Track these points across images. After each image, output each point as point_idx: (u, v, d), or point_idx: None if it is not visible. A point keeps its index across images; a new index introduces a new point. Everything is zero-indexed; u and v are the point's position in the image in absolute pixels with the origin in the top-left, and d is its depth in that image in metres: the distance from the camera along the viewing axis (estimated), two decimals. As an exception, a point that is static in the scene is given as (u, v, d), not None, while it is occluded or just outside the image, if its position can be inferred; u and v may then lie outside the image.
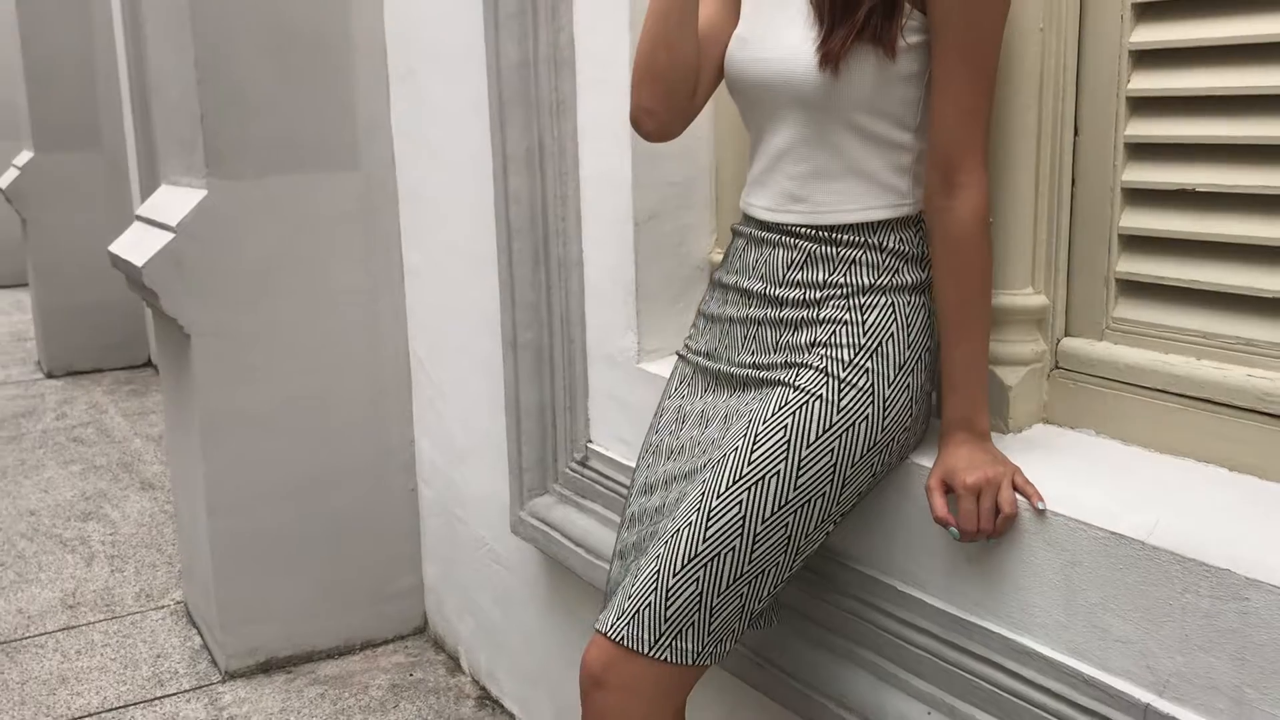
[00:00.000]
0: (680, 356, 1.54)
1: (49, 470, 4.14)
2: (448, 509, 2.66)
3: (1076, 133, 1.35)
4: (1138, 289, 1.32)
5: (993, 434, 1.37)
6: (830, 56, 1.25)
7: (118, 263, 2.70)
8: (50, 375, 5.51)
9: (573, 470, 2.07)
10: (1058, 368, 1.40)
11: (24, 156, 5.52)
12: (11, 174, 5.58)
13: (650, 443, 1.52)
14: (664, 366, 1.85)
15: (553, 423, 2.11)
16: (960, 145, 1.25)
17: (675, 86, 1.41)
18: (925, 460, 1.36)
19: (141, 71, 5.18)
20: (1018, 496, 1.24)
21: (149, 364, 5.69)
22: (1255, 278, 1.20)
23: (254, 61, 2.46)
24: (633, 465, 1.88)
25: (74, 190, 5.43)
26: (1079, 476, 1.26)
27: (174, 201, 2.58)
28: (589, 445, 2.04)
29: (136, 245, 2.61)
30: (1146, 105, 1.29)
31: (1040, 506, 1.22)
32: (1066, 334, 1.40)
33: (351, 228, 2.64)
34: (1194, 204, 1.25)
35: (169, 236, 2.47)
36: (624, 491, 1.93)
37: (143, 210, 2.76)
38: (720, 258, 1.86)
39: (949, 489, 1.27)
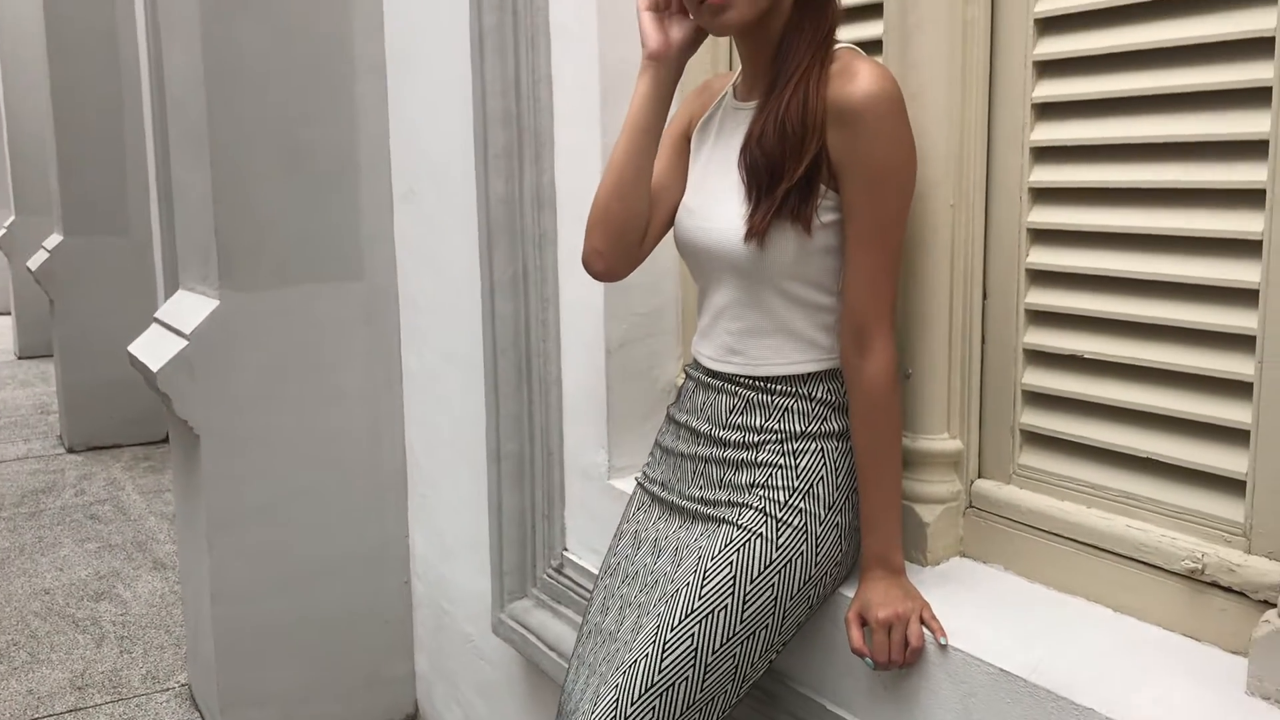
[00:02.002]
0: (639, 483, 1.69)
1: (65, 548, 4.30)
2: (437, 602, 2.80)
3: (985, 297, 1.50)
4: (1039, 440, 1.47)
5: (913, 566, 1.51)
6: (753, 232, 1.41)
7: (135, 364, 2.88)
8: (71, 450, 5.69)
9: (550, 576, 2.21)
10: (971, 507, 1.54)
11: (54, 239, 5.76)
12: (41, 256, 5.81)
13: (609, 563, 1.66)
14: (630, 484, 1.99)
15: (532, 529, 2.26)
16: (869, 312, 1.40)
17: (625, 234, 1.58)
18: (853, 591, 1.50)
19: (168, 160, 5.43)
20: (925, 631, 1.38)
21: (166, 440, 5.87)
22: (1134, 439, 1.34)
23: (267, 180, 2.65)
24: (602, 575, 2.03)
25: (100, 273, 5.66)
26: (983, 612, 1.40)
27: (189, 308, 2.76)
28: (564, 553, 2.18)
29: (152, 349, 2.78)
30: (1044, 277, 1.44)
31: (943, 642, 1.35)
32: (979, 476, 1.54)
33: (355, 333, 2.81)
34: (1085, 368, 1.40)
35: (182, 344, 2.64)
36: (594, 598, 2.07)
37: (161, 314, 2.94)
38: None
39: (865, 622, 1.41)
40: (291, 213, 2.69)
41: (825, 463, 1.47)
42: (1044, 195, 1.43)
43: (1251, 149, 1.19)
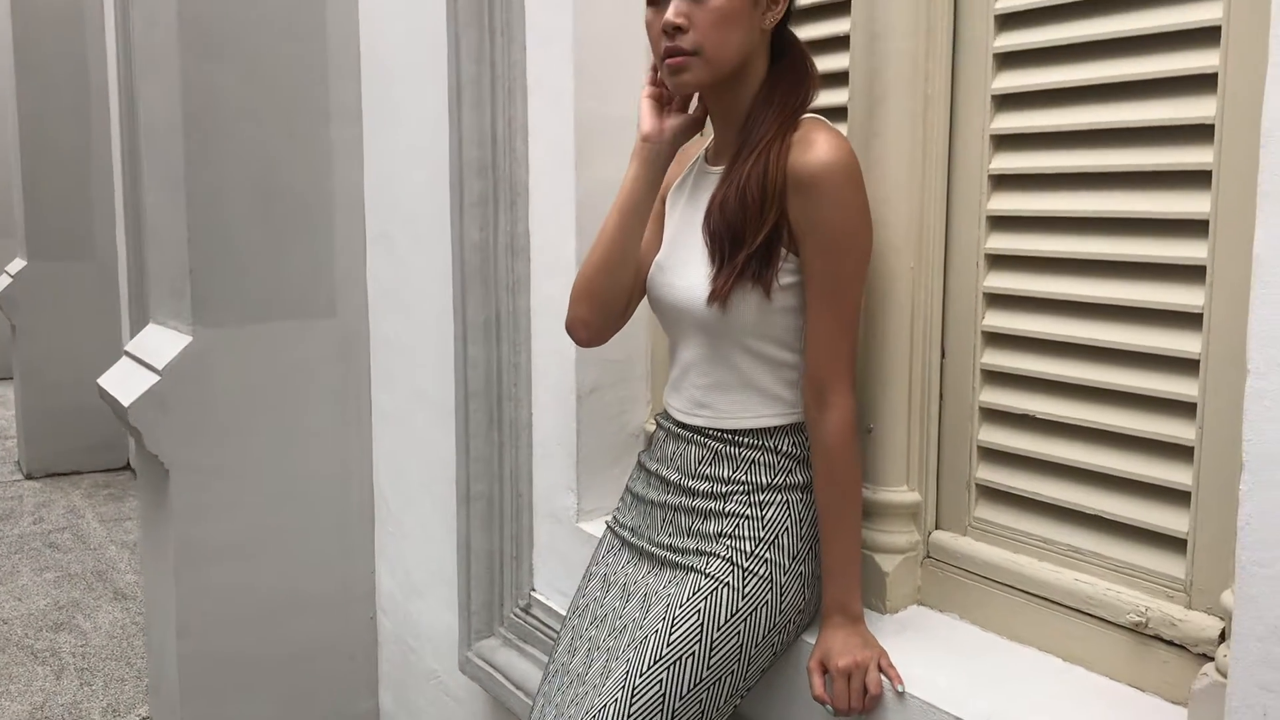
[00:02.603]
0: (609, 527, 1.74)
1: (23, 577, 4.27)
2: (403, 639, 2.83)
3: (943, 356, 1.57)
4: (994, 494, 1.54)
5: (872, 613, 1.57)
6: (716, 294, 1.47)
7: (105, 396, 2.89)
8: (29, 476, 5.65)
9: (517, 616, 2.25)
10: (929, 557, 1.60)
11: (17, 264, 5.74)
12: (4, 280, 5.78)
13: (577, 604, 1.71)
14: (600, 527, 2.04)
15: (500, 569, 2.30)
16: (828, 369, 1.46)
17: (610, 305, 1.64)
18: (814, 638, 1.55)
19: (136, 187, 5.44)
20: (883, 678, 1.43)
21: (127, 467, 5.84)
22: (1084, 496, 1.41)
23: (242, 220, 2.69)
24: (569, 616, 2.07)
25: (64, 299, 5.64)
26: (939, 660, 1.46)
27: (161, 343, 2.78)
28: (532, 594, 2.22)
29: (123, 383, 2.80)
30: (999, 339, 1.51)
31: (900, 689, 1.41)
32: (937, 527, 1.60)
33: (326, 371, 2.84)
34: (1037, 427, 1.47)
35: (154, 379, 2.66)
36: (561, 638, 2.11)
37: (131, 347, 2.96)
38: (653, 427, 2.08)
39: (826, 669, 1.47)
40: (266, 252, 2.72)
41: (790, 514, 1.53)
42: (999, 262, 1.50)
43: (1194, 228, 1.27)
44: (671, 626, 1.48)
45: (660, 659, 1.46)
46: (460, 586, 2.38)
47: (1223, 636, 1.24)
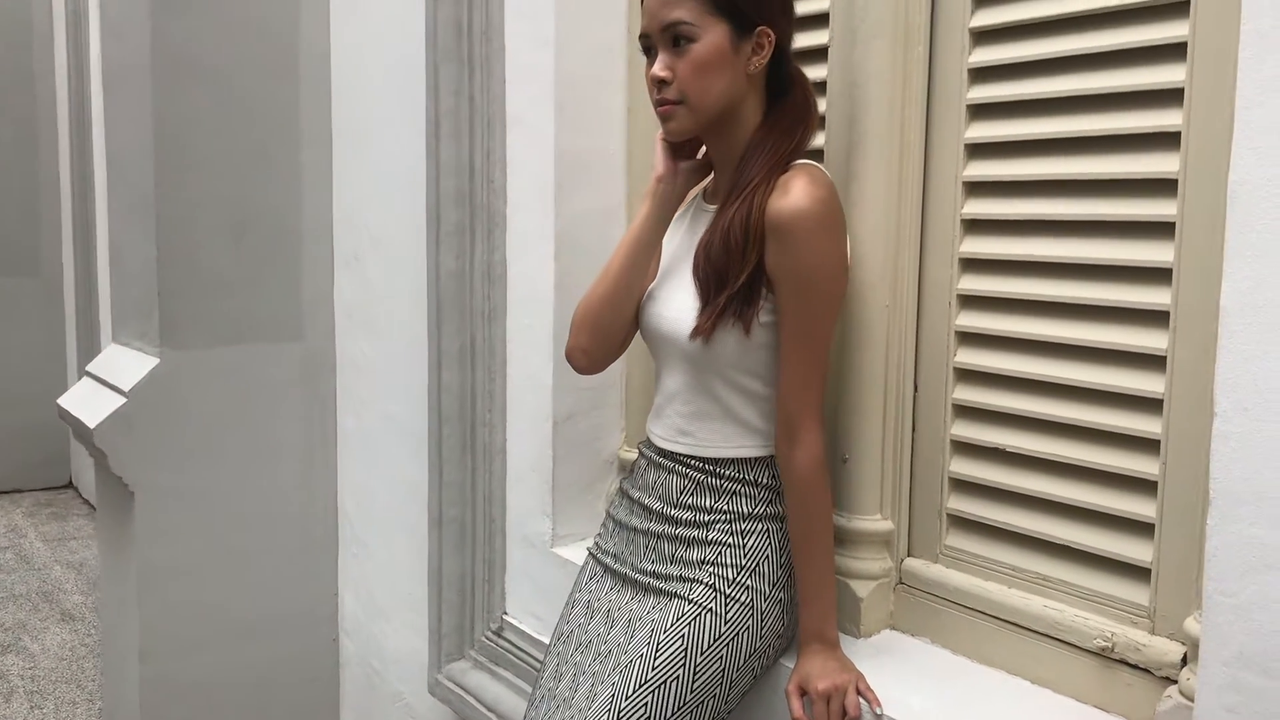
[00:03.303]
0: (591, 554, 1.78)
1: (-32, 598, 4.20)
2: (366, 661, 2.84)
3: (916, 391, 1.64)
4: (964, 523, 1.61)
5: (846, 637, 1.63)
6: (699, 331, 1.53)
7: (66, 417, 2.88)
8: (-31, 495, 5.56)
9: (488, 639, 2.28)
10: (901, 583, 1.67)
11: (-40, 279, 5.65)
12: (-54, 295, 5.70)
13: (562, 631, 1.75)
14: (574, 552, 2.09)
15: (471, 593, 2.33)
16: (798, 406, 1.51)
17: (611, 336, 1.70)
18: (792, 661, 1.61)
19: (86, 204, 5.39)
20: (861, 700, 1.49)
21: (70, 485, 5.76)
22: (1052, 527, 1.49)
23: (212, 243, 2.70)
24: (543, 639, 2.11)
25: (8, 315, 5.56)
26: (912, 683, 1.52)
27: (126, 365, 2.78)
28: (504, 617, 2.26)
29: (87, 404, 2.79)
30: (970, 375, 1.58)
31: (878, 711, 1.47)
32: (909, 555, 1.67)
33: (292, 393, 2.86)
34: (1007, 460, 1.54)
35: (120, 400, 2.66)
36: (534, 662, 2.15)
37: (94, 368, 2.95)
38: (628, 453, 2.14)
39: (805, 693, 1.52)
40: (235, 275, 2.74)
41: (770, 542, 1.58)
42: (970, 302, 1.58)
43: (1158, 275, 1.35)
44: (657, 651, 1.52)
45: (646, 682, 1.51)
46: (430, 609, 2.40)
47: (1185, 661, 1.31)
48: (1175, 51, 1.31)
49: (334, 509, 2.94)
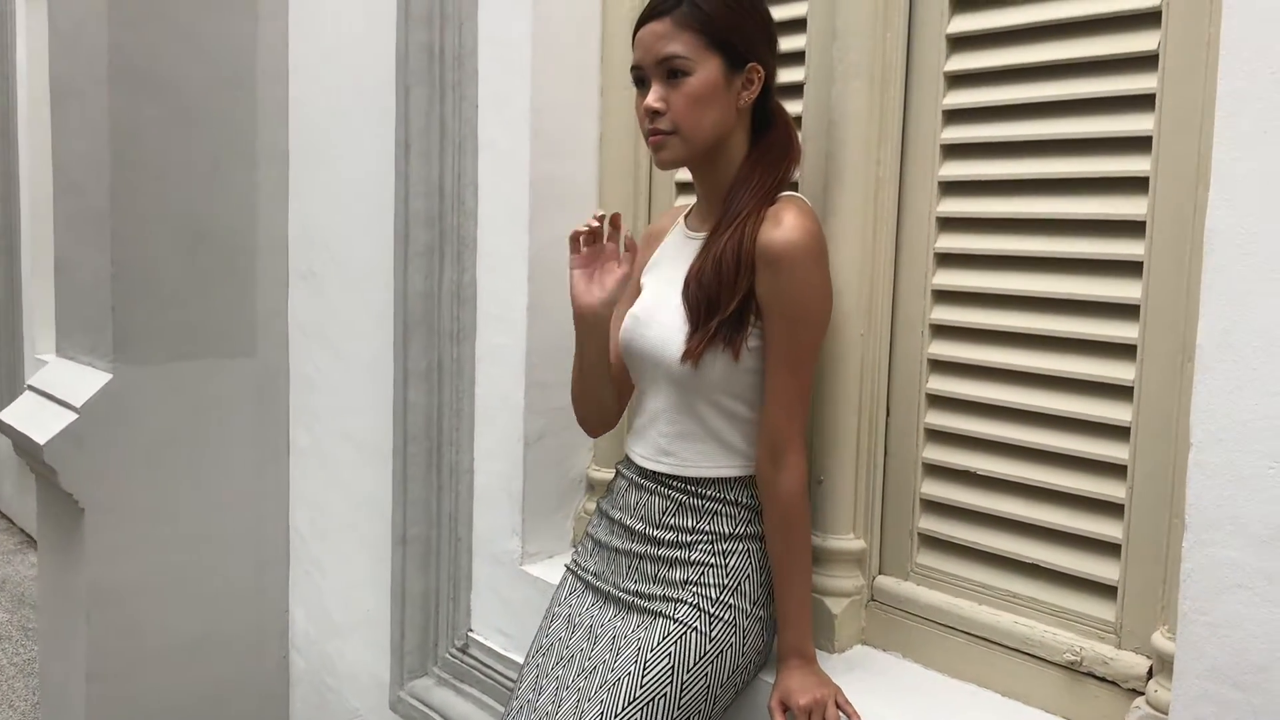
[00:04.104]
0: (570, 570, 1.82)
1: (-113, 617, 4.07)
2: (319, 678, 2.83)
3: (889, 416, 1.71)
4: (935, 543, 1.68)
5: (821, 653, 1.69)
6: (689, 354, 1.58)
7: (9, 432, 2.83)
8: (-120, 510, 5.37)
9: (453, 656, 2.30)
10: (873, 600, 1.74)
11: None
12: None
13: (541, 643, 1.77)
14: (543, 569, 2.13)
15: (435, 610, 2.35)
16: (783, 430, 1.58)
17: (604, 410, 1.84)
18: (772, 676, 1.66)
19: (7, 212, 5.27)
20: (841, 714, 1.56)
21: (-14, 500, 5.60)
22: (1022, 547, 1.57)
23: (166, 258, 2.68)
24: (511, 656, 2.14)
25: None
26: (886, 696, 1.59)
27: (75, 380, 2.74)
28: (470, 634, 2.28)
29: (34, 419, 2.75)
30: (942, 401, 1.66)
31: (858, 723, 1.54)
32: (880, 573, 1.74)
33: (245, 409, 2.84)
34: (977, 482, 1.62)
35: (71, 416, 2.62)
36: (501, 679, 2.18)
37: (37, 382, 2.90)
38: (596, 472, 2.18)
39: (786, 708, 1.58)
40: (188, 290, 2.72)
41: (751, 562, 1.64)
42: (942, 331, 1.65)
43: (1126, 311, 1.44)
44: (644, 668, 1.57)
45: (635, 700, 1.55)
46: (393, 626, 2.41)
47: (1150, 673, 1.40)
48: (1144, 102, 1.40)
49: (285, 526, 2.93)
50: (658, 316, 1.67)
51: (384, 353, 2.46)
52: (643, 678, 1.56)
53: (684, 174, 2.00)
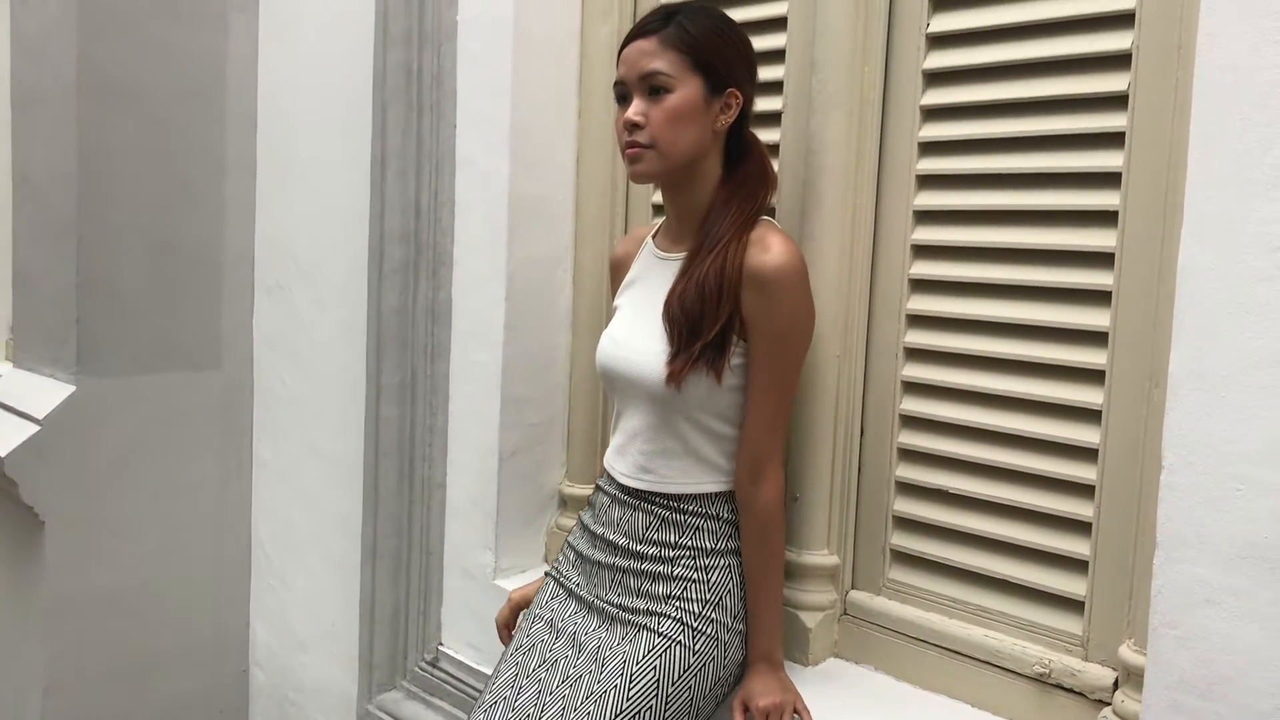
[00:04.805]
0: (552, 576, 1.84)
1: None
2: (280, 692, 2.83)
3: (863, 435, 1.77)
4: (907, 559, 1.74)
5: (795, 665, 1.74)
6: (673, 378, 1.62)
7: (-34, 444, 2.79)
8: None
9: (422, 669, 2.32)
10: (846, 614, 1.79)
11: None
12: None
13: (521, 642, 1.78)
14: (516, 583, 2.14)
15: (405, 624, 2.36)
16: (765, 448, 1.63)
17: None
18: (745, 687, 1.71)
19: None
20: (798, 718, 1.62)
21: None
22: (992, 563, 1.63)
23: (132, 269, 2.67)
24: (481, 669, 2.17)
25: None
26: (859, 708, 1.65)
27: (36, 391, 2.72)
28: (440, 648, 2.30)
29: (-8, 431, 2.72)
30: (914, 422, 1.72)
31: (811, 729, 1.60)
32: (853, 587, 1.80)
33: (209, 422, 2.84)
34: (948, 500, 1.68)
35: (33, 429, 2.60)
36: (472, 691, 2.20)
37: (-5, 392, 2.87)
38: (569, 488, 2.21)
39: (747, 709, 1.64)
40: (154, 302, 2.71)
41: (731, 578, 1.69)
42: (915, 354, 1.72)
43: (1094, 338, 1.51)
44: (630, 681, 1.61)
45: (621, 712, 1.58)
46: (361, 640, 2.42)
47: (1116, 685, 1.47)
48: (1114, 139, 1.48)
49: (248, 540, 2.92)
50: (637, 338, 1.71)
51: (353, 367, 2.48)
52: (629, 691, 1.60)
53: (660, 196, 2.05)
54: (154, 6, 2.66)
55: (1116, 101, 1.47)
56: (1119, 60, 1.47)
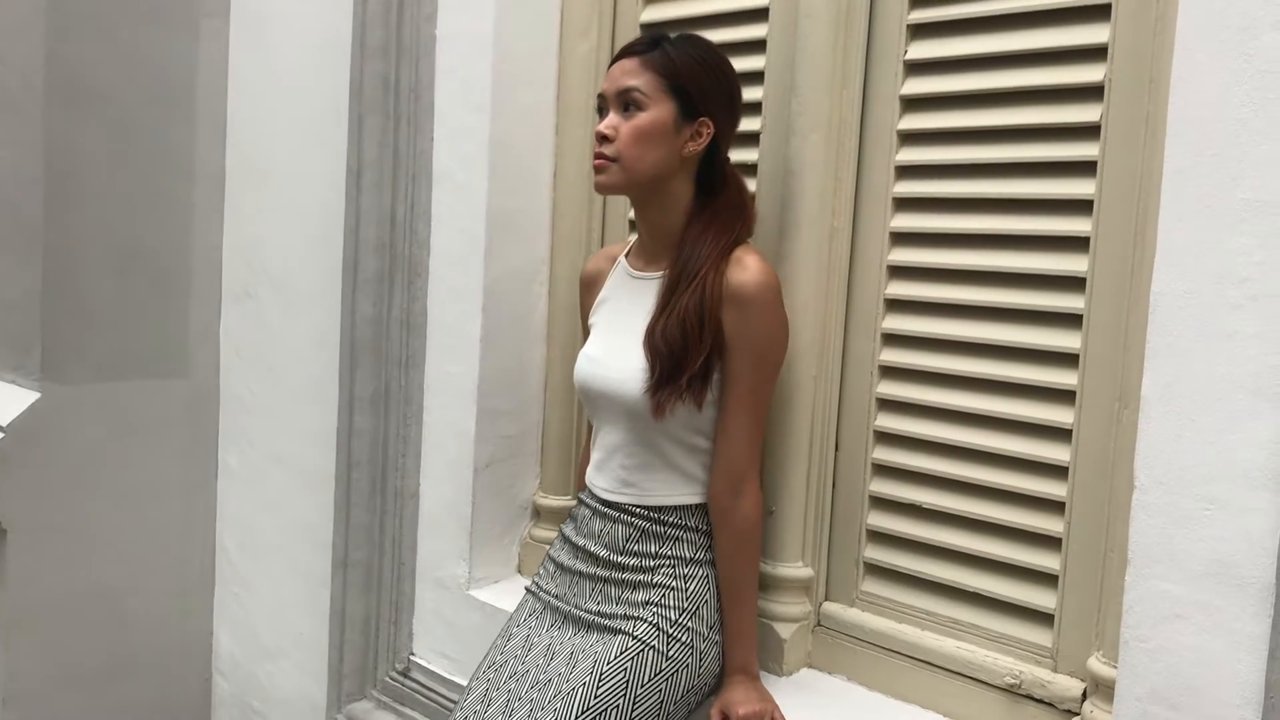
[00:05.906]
0: (531, 592, 1.86)
1: None
2: (244, 701, 2.81)
3: (838, 451, 1.81)
4: (880, 572, 1.78)
5: (769, 675, 1.78)
6: (659, 411, 1.65)
7: (-74, 450, 2.75)
8: None
9: (393, 679, 2.33)
10: (819, 625, 1.83)
11: None
12: None
13: (495, 660, 1.81)
14: (490, 594, 2.18)
15: (375, 634, 2.37)
16: (743, 462, 1.67)
17: None
18: (721, 697, 1.74)
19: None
20: (774, 727, 1.66)
21: None
22: (964, 576, 1.68)
23: (98, 277, 2.65)
24: (454, 679, 2.18)
25: None
26: (831, 716, 1.69)
27: (0, 398, 2.69)
28: (411, 657, 2.31)
29: (-47, 438, 2.68)
30: (888, 438, 1.77)
31: (792, 739, 1.63)
32: (827, 599, 1.84)
33: (174, 430, 2.82)
34: (921, 514, 1.73)
35: (-3, 435, 2.58)
36: (443, 702, 2.21)
37: (-46, 399, 2.83)
38: (543, 499, 2.23)
39: (726, 717, 1.67)
40: (120, 310, 2.69)
41: (708, 587, 1.72)
42: (890, 372, 1.76)
43: (1066, 359, 1.56)
44: (599, 680, 1.63)
45: (588, 710, 1.61)
46: (331, 649, 2.42)
47: (1085, 695, 1.51)
48: (1086, 168, 1.53)
49: (212, 548, 2.91)
50: (614, 355, 1.74)
51: (324, 377, 2.48)
52: (597, 688, 1.63)
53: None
54: (123, 10, 2.64)
55: (1089, 131, 1.53)
56: (1092, 91, 1.52)
